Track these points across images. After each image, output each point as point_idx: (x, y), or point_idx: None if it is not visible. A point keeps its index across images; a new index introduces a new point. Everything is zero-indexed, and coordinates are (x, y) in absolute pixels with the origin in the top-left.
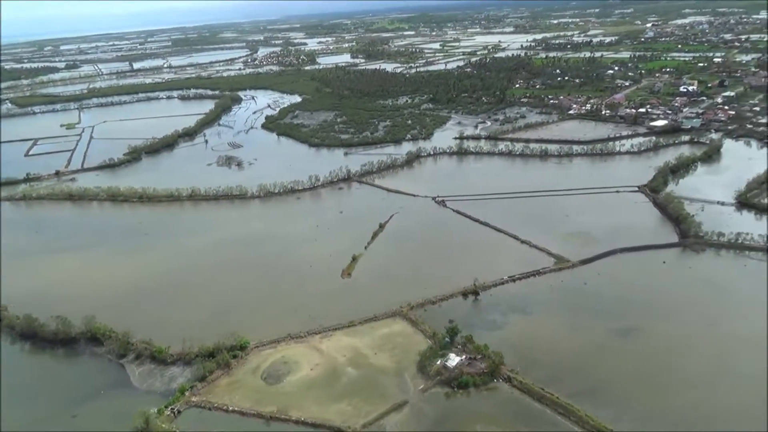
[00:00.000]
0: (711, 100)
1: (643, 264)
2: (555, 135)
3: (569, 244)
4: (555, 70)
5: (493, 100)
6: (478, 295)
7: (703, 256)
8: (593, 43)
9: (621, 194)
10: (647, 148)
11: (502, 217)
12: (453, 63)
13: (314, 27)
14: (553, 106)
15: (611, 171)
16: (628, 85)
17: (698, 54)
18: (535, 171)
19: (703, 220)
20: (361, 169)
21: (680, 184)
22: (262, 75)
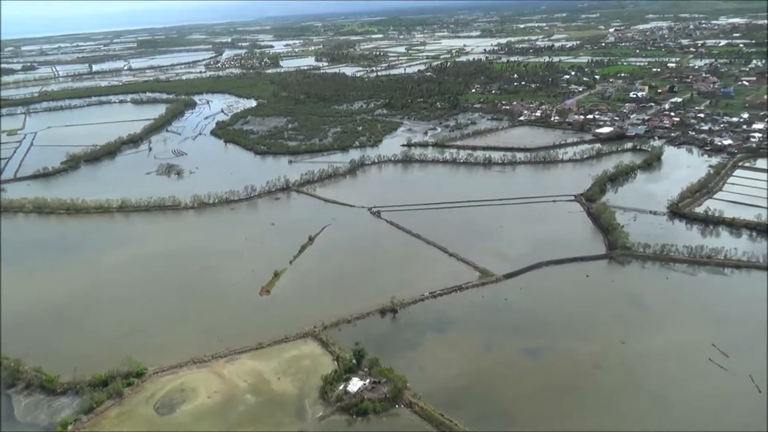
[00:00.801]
0: (659, 106)
1: (566, 278)
2: (503, 142)
3: (498, 257)
4: (513, 74)
5: (447, 105)
6: (396, 313)
7: (627, 269)
8: (555, 47)
9: (557, 204)
10: (590, 155)
11: (435, 228)
12: (415, 67)
13: (285, 29)
14: (506, 112)
15: (552, 179)
16: (581, 91)
17: (654, 59)
18: (477, 179)
19: (633, 231)
20: (301, 179)
21: (618, 193)
22: (222, 78)
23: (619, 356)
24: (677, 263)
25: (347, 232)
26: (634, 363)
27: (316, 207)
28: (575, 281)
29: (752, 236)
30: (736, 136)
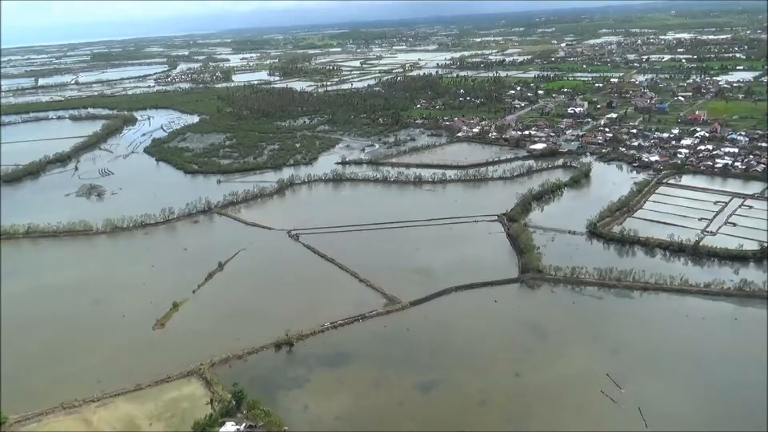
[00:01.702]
0: (596, 121)
1: (474, 304)
2: (438, 159)
3: (409, 282)
4: (459, 90)
5: (389, 121)
6: (292, 346)
7: (537, 293)
8: (506, 62)
9: (480, 224)
10: (520, 173)
11: (352, 252)
12: (366, 82)
13: (245, 42)
14: (446, 128)
15: (479, 198)
16: (523, 106)
17: (599, 74)
18: (405, 199)
19: (550, 252)
20: (224, 200)
21: (542, 212)
22: (169, 93)
23: (508, 391)
24: (588, 286)
25: (260, 257)
26: (521, 398)
27: (235, 230)
28: (482, 307)
29: (665, 256)
30: (664, 152)
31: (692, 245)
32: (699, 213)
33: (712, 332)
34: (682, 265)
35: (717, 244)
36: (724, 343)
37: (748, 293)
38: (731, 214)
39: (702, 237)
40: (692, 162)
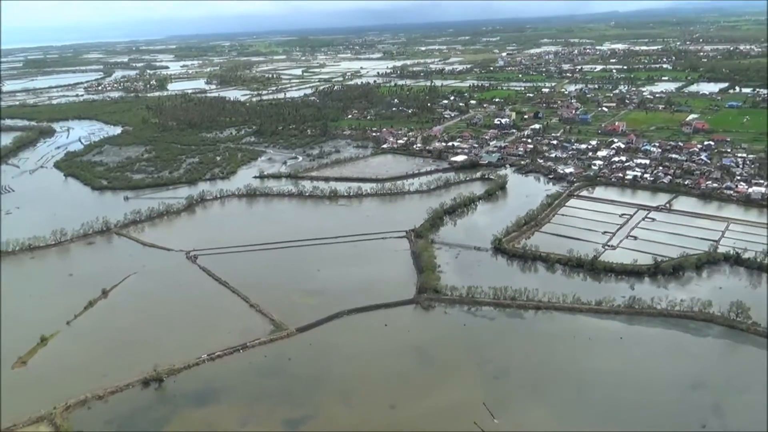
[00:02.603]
0: (520, 132)
1: (363, 328)
2: (360, 171)
3: (302, 306)
4: (393, 99)
5: (317, 132)
6: (161, 383)
7: (430, 315)
8: (445, 71)
9: (387, 241)
10: (437, 186)
11: (250, 274)
12: (303, 91)
13: (189, 49)
14: (374, 139)
15: (392, 213)
16: (452, 117)
17: (533, 84)
18: (317, 214)
19: (452, 270)
20: (126, 219)
21: (452, 227)
22: (97, 103)
23: (380, 424)
24: (483, 306)
25: (150, 282)
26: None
27: (131, 252)
28: (371, 332)
29: (565, 272)
30: (581, 163)
31: (590, 261)
32: (604, 226)
33: (596, 353)
34: (581, 281)
35: (616, 258)
36: (607, 364)
37: (637, 311)
38: (634, 227)
39: (602, 251)
40: (605, 174)
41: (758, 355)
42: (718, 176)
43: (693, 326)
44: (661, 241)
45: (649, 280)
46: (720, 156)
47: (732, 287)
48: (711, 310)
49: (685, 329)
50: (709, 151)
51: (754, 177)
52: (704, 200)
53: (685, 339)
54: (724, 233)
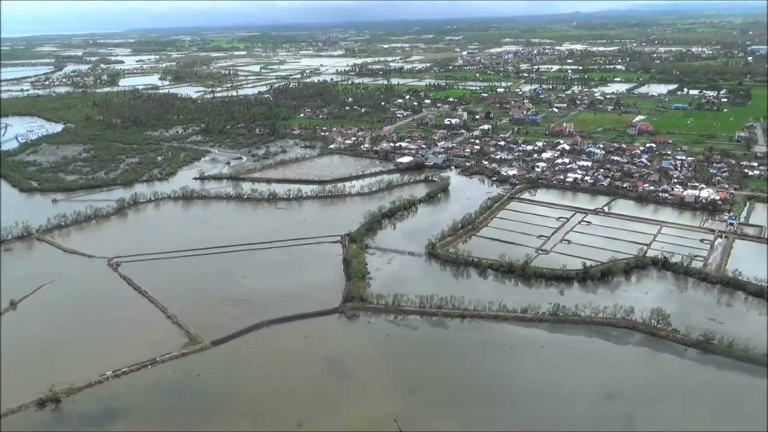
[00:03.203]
0: (469, 133)
1: (282, 340)
2: (305, 173)
3: (223, 317)
4: (347, 98)
5: (265, 131)
6: (59, 403)
7: (354, 325)
8: (405, 69)
9: (321, 246)
10: (380, 188)
11: (173, 282)
12: (259, 88)
13: (147, 43)
14: (323, 138)
15: (330, 216)
16: (405, 116)
17: (489, 84)
18: (254, 218)
19: (382, 277)
20: (49, 223)
21: (389, 231)
22: (41, 98)
23: None
24: (409, 315)
25: (65, 292)
26: None
27: (51, 259)
28: (289, 345)
29: (497, 277)
30: (525, 165)
31: (520, 266)
32: (540, 230)
33: (516, 363)
34: (513, 286)
35: (549, 263)
36: (524, 375)
37: (561, 318)
38: (569, 230)
39: (535, 256)
40: (547, 176)
41: (675, 363)
42: (656, 179)
43: (615, 334)
44: (594, 245)
45: (579, 286)
46: (660, 158)
47: (657, 293)
48: (633, 317)
49: (607, 337)
50: (650, 153)
51: (690, 180)
52: (641, 203)
53: (605, 347)
54: (656, 237)
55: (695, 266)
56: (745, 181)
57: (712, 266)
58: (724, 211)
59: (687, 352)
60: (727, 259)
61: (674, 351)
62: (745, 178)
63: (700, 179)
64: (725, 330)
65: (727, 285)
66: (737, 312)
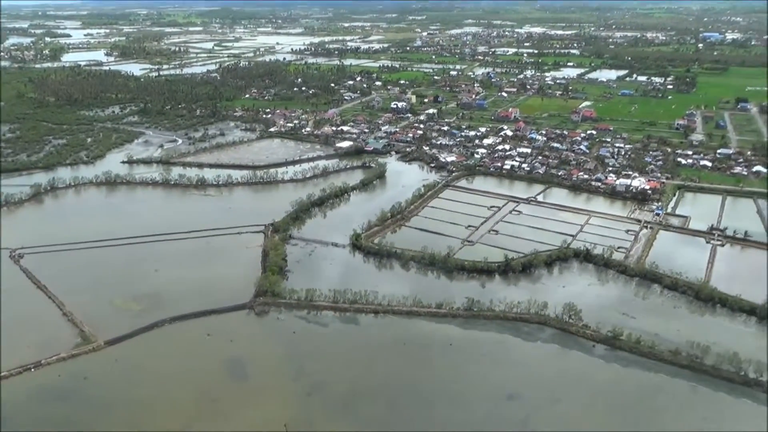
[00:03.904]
0: (415, 117)
1: (182, 340)
2: (240, 157)
3: (124, 314)
4: (297, 78)
5: (206, 113)
6: None
7: (262, 321)
8: (361, 50)
9: (243, 236)
10: (314, 174)
11: (79, 275)
12: (209, 66)
13: (99, 16)
14: (265, 121)
15: (258, 204)
16: (353, 99)
17: (443, 66)
18: (178, 206)
19: (302, 269)
20: None
21: (318, 220)
22: None
23: None
24: (323, 310)
25: None
26: None
27: None
28: (190, 344)
29: (420, 270)
30: (465, 151)
31: (442, 259)
32: (470, 220)
33: (423, 362)
34: (435, 279)
35: (473, 254)
36: (429, 374)
37: (474, 314)
38: (499, 220)
39: (460, 247)
40: (485, 163)
41: (580, 360)
42: (592, 167)
43: (526, 330)
44: (521, 236)
45: (500, 279)
46: (600, 146)
47: (576, 286)
48: (547, 312)
49: (518, 333)
50: (590, 140)
51: (625, 168)
52: (574, 192)
53: (514, 344)
54: (583, 227)
55: (617, 258)
56: (678, 170)
57: (633, 258)
58: (654, 201)
59: (595, 349)
60: (649, 251)
61: (582, 348)
62: (678, 166)
63: (635, 168)
64: (635, 325)
65: (644, 278)
66: (650, 306)
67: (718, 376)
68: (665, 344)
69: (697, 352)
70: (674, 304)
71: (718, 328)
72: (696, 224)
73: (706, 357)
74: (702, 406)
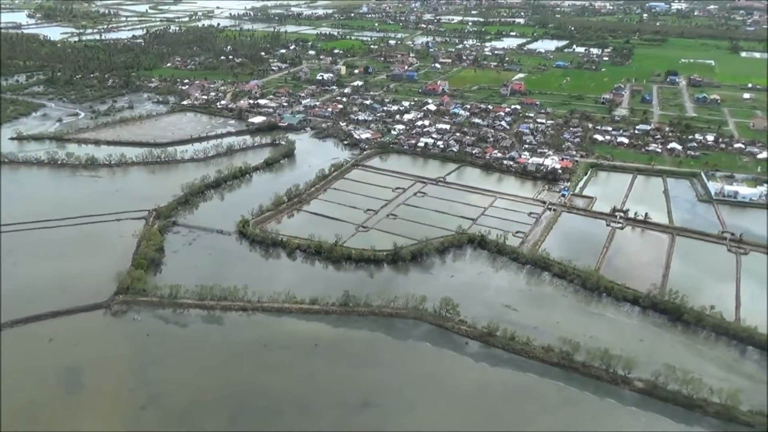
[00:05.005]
0: (341, 89)
1: (20, 346)
2: (145, 133)
3: None
4: (227, 46)
5: (119, 83)
6: None
7: (118, 323)
8: (303, 15)
9: (122, 223)
10: (218, 153)
11: None
12: (137, 31)
13: None
14: (181, 93)
15: (151, 186)
16: (281, 69)
17: (384, 35)
18: (62, 188)
19: (178, 260)
20: None
21: (213, 204)
22: None
23: None
24: (190, 308)
25: None
26: None
27: None
28: (27, 351)
29: (307, 260)
30: (383, 127)
31: (329, 248)
32: (371, 203)
33: (281, 366)
34: (323, 269)
35: (366, 241)
36: (283, 381)
37: (349, 310)
38: (401, 204)
39: (353, 234)
40: (400, 140)
41: (450, 360)
42: (509, 144)
43: (401, 326)
44: (420, 221)
45: (389, 269)
46: (522, 121)
47: (465, 275)
48: (425, 306)
49: (390, 331)
50: (514, 115)
51: (541, 146)
52: (487, 171)
53: (384, 343)
54: (486, 210)
55: (512, 244)
56: (594, 148)
57: (530, 243)
58: (564, 181)
59: (467, 347)
60: (547, 235)
61: (454, 345)
62: (594, 144)
63: (552, 145)
64: (516, 318)
65: (535, 265)
66: (536, 296)
67: (587, 374)
68: (543, 339)
69: (569, 348)
70: (562, 293)
71: (599, 320)
72: (601, 205)
73: (577, 354)
74: (567, 408)
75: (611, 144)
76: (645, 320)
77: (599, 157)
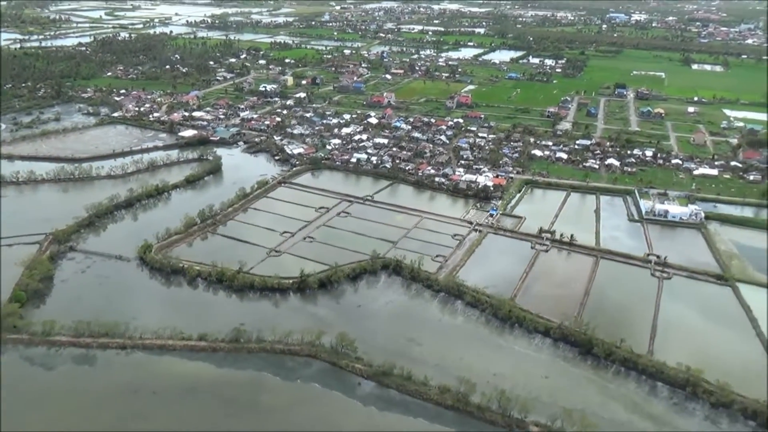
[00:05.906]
0: (284, 101)
1: None
2: (66, 147)
3: None
4: (174, 55)
5: (50, 93)
6: None
7: None
8: (261, 23)
9: (13, 249)
10: (138, 169)
11: None
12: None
13: None
14: (115, 104)
15: (56, 207)
16: (227, 79)
17: (341, 44)
18: None
19: (67, 291)
20: None
21: (120, 226)
22: None
23: None
24: (65, 346)
25: None
26: None
27: None
28: None
29: (210, 289)
30: (318, 142)
31: (231, 275)
32: (290, 224)
33: (144, 418)
34: (226, 298)
35: (276, 268)
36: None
37: (239, 346)
38: (322, 225)
39: (263, 259)
40: (333, 156)
41: (337, 405)
42: (445, 160)
43: (291, 365)
44: (338, 245)
45: (296, 298)
46: (463, 136)
47: (374, 304)
48: (322, 341)
49: (279, 370)
50: (456, 129)
51: (477, 162)
52: (418, 189)
53: (270, 385)
54: (409, 232)
55: (431, 268)
56: (530, 164)
57: (449, 268)
58: (496, 199)
59: (360, 388)
60: (467, 259)
61: (345, 387)
62: (531, 160)
63: (489, 161)
64: (418, 353)
65: (449, 293)
66: (445, 328)
67: (482, 419)
68: (441, 378)
69: (466, 389)
70: (473, 324)
71: (507, 354)
72: (530, 224)
73: (474, 395)
74: None
75: (549, 159)
76: (555, 354)
77: (535, 173)
